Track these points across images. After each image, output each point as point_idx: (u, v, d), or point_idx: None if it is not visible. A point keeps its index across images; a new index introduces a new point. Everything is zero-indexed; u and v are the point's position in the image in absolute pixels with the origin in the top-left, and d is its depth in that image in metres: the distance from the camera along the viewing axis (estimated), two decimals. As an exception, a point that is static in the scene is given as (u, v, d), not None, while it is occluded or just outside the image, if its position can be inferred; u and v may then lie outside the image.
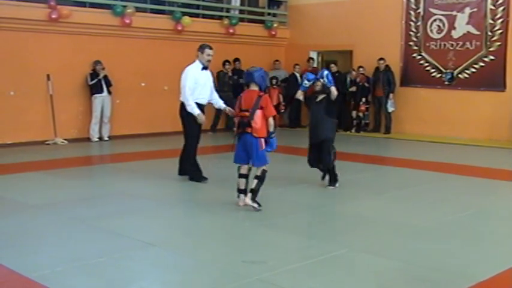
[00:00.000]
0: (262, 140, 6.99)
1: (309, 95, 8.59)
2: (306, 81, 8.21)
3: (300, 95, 8.41)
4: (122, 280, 4.71)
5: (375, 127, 15.57)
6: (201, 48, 8.56)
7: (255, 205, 6.95)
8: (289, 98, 15.40)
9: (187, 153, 8.78)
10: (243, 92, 7.27)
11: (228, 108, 8.58)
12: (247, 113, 6.94)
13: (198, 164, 8.77)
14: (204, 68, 8.59)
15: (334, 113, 8.24)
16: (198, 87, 8.49)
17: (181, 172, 8.92)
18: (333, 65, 15.99)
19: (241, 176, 7.19)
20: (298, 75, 16.48)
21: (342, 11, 16.22)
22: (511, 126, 13.34)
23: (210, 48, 8.56)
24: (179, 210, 7.28)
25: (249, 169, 7.20)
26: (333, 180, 8.34)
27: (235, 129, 7.24)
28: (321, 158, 8.20)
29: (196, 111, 8.43)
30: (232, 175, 7.78)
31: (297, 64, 16.61)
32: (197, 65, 8.57)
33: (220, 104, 8.85)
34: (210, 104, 8.93)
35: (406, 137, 14.68)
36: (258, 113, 6.92)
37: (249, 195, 6.99)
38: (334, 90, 8.00)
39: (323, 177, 8.45)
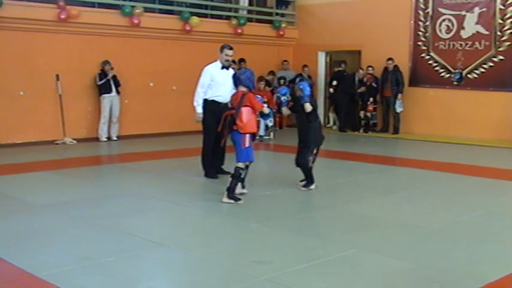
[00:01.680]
0: (247, 136, 7.28)
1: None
2: (282, 97, 8.17)
3: (285, 112, 8.33)
4: (130, 279, 4.73)
5: (383, 127, 15.54)
6: (221, 48, 8.79)
7: (232, 201, 7.28)
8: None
9: (202, 150, 8.96)
10: (233, 94, 7.65)
11: None
12: (233, 112, 7.33)
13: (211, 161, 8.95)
14: (225, 67, 8.73)
15: (315, 118, 8.17)
16: (214, 85, 8.66)
17: (218, 171, 9.05)
18: (342, 65, 16.00)
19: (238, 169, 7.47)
20: (306, 76, 16.45)
21: (350, 11, 16.20)
22: (520, 127, 13.28)
23: (230, 48, 8.74)
24: (187, 210, 7.29)
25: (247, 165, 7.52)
26: (309, 182, 8.20)
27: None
28: (296, 158, 8.20)
29: (198, 110, 8.70)
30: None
31: (305, 66, 16.60)
32: (216, 64, 8.78)
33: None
34: None
35: (415, 137, 14.64)
36: (244, 110, 7.26)
37: (226, 193, 7.33)
38: (307, 107, 7.92)
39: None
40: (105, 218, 6.61)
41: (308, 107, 7.93)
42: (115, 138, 13.58)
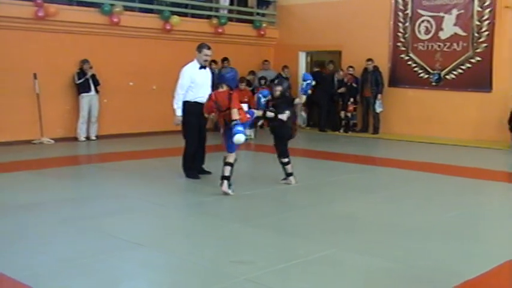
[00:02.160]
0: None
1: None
2: (262, 99, 8.22)
3: (269, 114, 8.28)
4: (110, 280, 4.68)
5: (363, 127, 15.61)
6: (199, 48, 8.68)
7: (230, 191, 7.57)
8: None
9: (184, 152, 8.87)
10: (214, 95, 7.72)
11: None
12: (227, 112, 7.46)
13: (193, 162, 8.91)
14: (202, 67, 8.64)
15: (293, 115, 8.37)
16: (195, 86, 8.57)
17: (198, 171, 8.98)
18: (330, 65, 16.04)
19: (227, 164, 7.67)
20: (285, 77, 16.45)
21: (331, 12, 16.26)
22: (497, 127, 13.41)
23: (208, 48, 8.66)
24: (167, 210, 7.25)
25: (235, 159, 7.70)
26: (287, 175, 8.39)
27: (212, 128, 7.56)
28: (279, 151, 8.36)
29: (178, 113, 8.58)
30: (220, 175, 7.80)
31: (285, 66, 16.60)
32: (194, 64, 8.68)
33: None
34: None
35: (394, 137, 14.73)
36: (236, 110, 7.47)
37: (225, 182, 7.59)
38: (269, 115, 8.19)
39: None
40: (85, 218, 6.55)
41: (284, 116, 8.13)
42: (94, 138, 13.48)
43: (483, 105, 13.86)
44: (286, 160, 8.35)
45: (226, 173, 7.66)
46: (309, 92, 8.45)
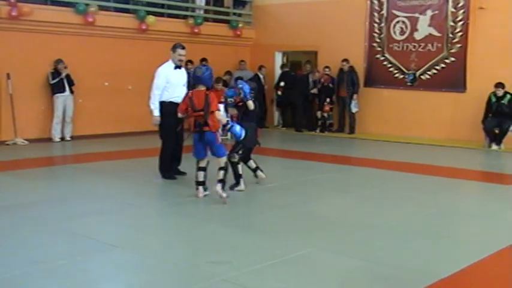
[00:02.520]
0: (218, 133, 7.51)
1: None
2: (229, 99, 8.18)
3: (232, 111, 8.28)
4: (85, 282, 4.65)
5: (339, 127, 15.68)
6: (174, 48, 8.66)
7: (224, 194, 7.32)
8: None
9: (161, 153, 8.82)
10: (191, 92, 7.62)
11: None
12: (201, 113, 7.36)
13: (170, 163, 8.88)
14: (178, 67, 8.62)
15: (252, 118, 8.21)
16: (170, 86, 8.55)
17: (174, 172, 8.95)
18: (308, 65, 16.10)
19: (200, 169, 7.60)
20: (262, 76, 16.51)
21: (307, 12, 16.31)
22: (471, 127, 13.57)
23: (183, 48, 8.64)
24: (143, 211, 7.22)
25: (207, 162, 7.63)
26: (236, 183, 8.13)
27: (188, 128, 7.73)
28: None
29: (155, 113, 8.55)
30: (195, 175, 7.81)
31: (262, 66, 16.64)
32: (169, 64, 8.66)
33: None
34: None
35: (370, 137, 14.82)
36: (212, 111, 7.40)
37: (219, 185, 7.35)
38: (250, 104, 8.06)
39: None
40: (59, 220, 6.48)
41: (251, 105, 8.05)
42: (69, 139, 13.36)
43: (457, 105, 14.01)
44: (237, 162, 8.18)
45: (200, 178, 7.62)
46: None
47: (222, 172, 7.42)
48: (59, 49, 13.26)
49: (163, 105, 8.55)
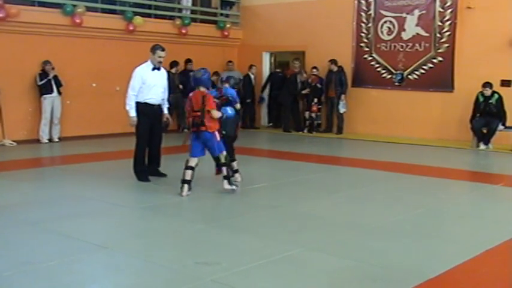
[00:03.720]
0: (216, 132, 7.71)
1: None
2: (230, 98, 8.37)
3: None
4: (73, 284, 4.63)
5: (327, 127, 15.70)
6: (153, 49, 8.62)
7: (234, 187, 7.83)
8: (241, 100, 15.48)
9: (134, 154, 8.83)
10: (192, 93, 7.83)
11: (166, 116, 8.99)
12: (198, 113, 7.61)
13: (146, 164, 8.89)
14: (156, 68, 8.59)
15: (233, 109, 8.39)
16: (146, 87, 8.53)
17: (154, 173, 8.97)
18: (296, 62, 15.98)
19: (188, 168, 7.75)
20: (252, 76, 16.54)
21: (294, 12, 16.34)
22: (459, 126, 13.64)
23: (162, 50, 8.60)
24: (131, 212, 7.20)
25: (197, 164, 7.81)
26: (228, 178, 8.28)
27: (187, 128, 7.69)
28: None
29: (131, 113, 8.56)
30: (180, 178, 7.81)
31: (253, 65, 16.67)
32: (147, 65, 8.64)
33: (164, 108, 8.96)
34: None
35: (358, 137, 14.86)
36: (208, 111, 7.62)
37: (225, 181, 7.79)
38: (238, 106, 8.42)
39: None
40: (46, 221, 6.46)
41: (238, 106, 8.40)
42: (56, 140, 13.32)
43: (445, 105, 14.08)
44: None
45: (187, 177, 7.71)
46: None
47: (225, 168, 7.82)
48: (46, 50, 13.22)
49: (138, 105, 8.55)
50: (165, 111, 8.94)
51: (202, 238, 5.98)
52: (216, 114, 7.69)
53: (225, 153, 7.80)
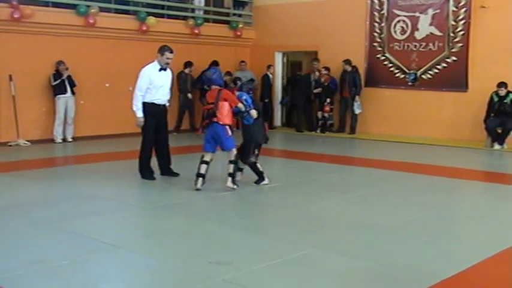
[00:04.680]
0: (227, 127, 7.90)
1: None
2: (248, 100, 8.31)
3: (254, 113, 8.38)
4: (86, 283, 4.65)
5: (340, 127, 15.66)
6: (161, 50, 8.69)
7: (235, 186, 7.93)
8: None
9: (140, 153, 8.92)
10: (207, 93, 8.19)
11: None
12: (211, 105, 7.87)
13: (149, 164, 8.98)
14: (163, 69, 8.67)
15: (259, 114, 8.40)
16: (153, 88, 8.61)
17: (166, 172, 9.04)
18: (315, 62, 15.89)
19: (203, 162, 7.98)
20: (271, 76, 16.54)
21: (307, 12, 16.31)
22: (472, 126, 13.56)
23: (171, 52, 8.68)
24: (143, 211, 7.23)
25: (211, 159, 8.02)
26: (260, 179, 8.41)
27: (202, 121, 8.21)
28: (240, 157, 8.35)
29: (138, 114, 8.63)
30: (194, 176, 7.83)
31: (271, 65, 16.73)
32: (154, 66, 8.71)
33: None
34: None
35: (371, 137, 14.81)
36: (222, 104, 7.86)
37: (229, 179, 7.89)
38: (253, 113, 8.21)
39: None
40: (60, 220, 6.50)
41: (254, 114, 8.20)
42: (70, 140, 13.39)
43: (459, 104, 14.00)
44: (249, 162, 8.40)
45: (201, 171, 7.94)
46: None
47: (232, 166, 7.92)
48: (60, 51, 13.30)
49: (145, 105, 8.61)
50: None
51: (214, 238, 5.99)
52: (253, 113, 8.01)
53: (235, 151, 7.91)
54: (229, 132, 7.90)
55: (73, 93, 13.34)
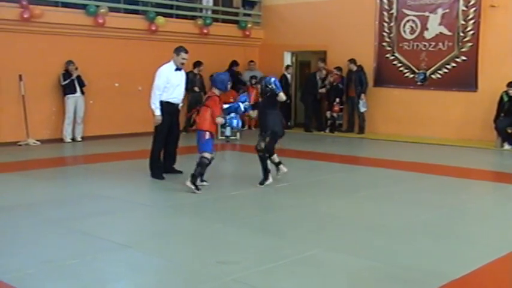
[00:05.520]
0: (207, 133, 7.88)
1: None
2: (242, 105, 8.33)
3: (253, 114, 8.70)
4: (95, 282, 4.67)
5: (349, 127, 15.64)
6: (177, 51, 8.86)
7: (193, 187, 7.77)
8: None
9: (151, 151, 9.01)
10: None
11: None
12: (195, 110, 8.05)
13: (161, 162, 9.08)
14: (178, 69, 8.82)
15: (276, 105, 8.43)
16: (170, 87, 8.76)
17: (169, 170, 9.14)
18: (321, 63, 15.93)
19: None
20: (289, 76, 16.52)
21: (316, 12, 16.28)
22: (482, 126, 13.50)
23: (186, 52, 8.87)
24: (152, 211, 7.25)
25: (212, 157, 8.03)
26: (264, 177, 8.40)
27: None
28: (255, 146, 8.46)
29: (157, 113, 8.74)
30: (204, 175, 7.81)
31: (289, 66, 16.81)
32: (171, 66, 8.87)
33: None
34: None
35: (380, 137, 14.78)
36: (202, 109, 7.95)
37: (189, 178, 7.82)
38: (282, 96, 8.31)
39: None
40: (70, 219, 6.53)
41: (282, 96, 8.29)
42: (79, 139, 13.43)
43: (469, 104, 13.94)
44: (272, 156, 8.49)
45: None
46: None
47: (195, 167, 7.85)
48: (69, 50, 13.34)
49: (161, 104, 8.75)
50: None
51: (223, 237, 6.00)
52: (218, 120, 8.00)
53: (206, 154, 7.86)
54: (207, 136, 7.88)
55: (82, 93, 13.39)
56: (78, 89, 13.25)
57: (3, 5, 12.24)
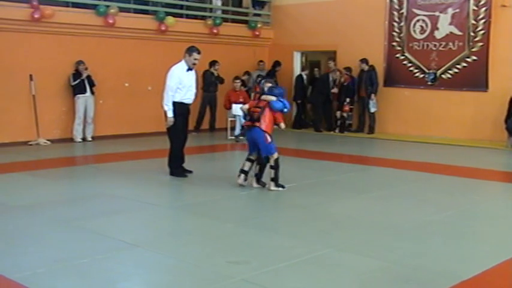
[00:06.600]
0: (269, 136, 7.97)
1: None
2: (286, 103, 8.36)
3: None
4: (106, 281, 4.68)
5: (359, 127, 15.60)
6: (190, 51, 8.83)
7: (280, 189, 8.02)
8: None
9: (170, 151, 9.04)
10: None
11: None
12: (258, 109, 7.99)
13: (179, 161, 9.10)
14: (189, 69, 8.79)
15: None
16: (182, 87, 8.73)
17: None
18: (331, 62, 15.98)
19: (248, 160, 8.23)
20: (305, 77, 16.51)
21: (326, 11, 16.26)
22: (493, 126, 13.44)
23: (199, 52, 8.84)
24: (162, 211, 7.26)
25: (256, 157, 8.18)
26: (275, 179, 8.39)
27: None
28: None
29: (170, 114, 8.72)
30: (215, 175, 7.83)
31: (305, 67, 16.83)
32: (182, 66, 8.83)
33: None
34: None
35: (390, 137, 14.74)
36: (268, 112, 7.99)
37: (272, 183, 8.02)
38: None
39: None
40: (80, 219, 6.55)
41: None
42: (90, 139, 13.48)
43: (479, 104, 13.87)
44: None
45: (245, 168, 8.21)
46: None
47: (272, 171, 8.01)
48: (80, 50, 13.39)
49: (175, 105, 8.73)
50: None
51: (233, 237, 6.00)
52: (283, 125, 8.26)
53: (275, 155, 7.97)
54: (268, 139, 7.95)
55: (92, 92, 13.43)
56: (88, 89, 13.29)
57: (14, 6, 12.30)
